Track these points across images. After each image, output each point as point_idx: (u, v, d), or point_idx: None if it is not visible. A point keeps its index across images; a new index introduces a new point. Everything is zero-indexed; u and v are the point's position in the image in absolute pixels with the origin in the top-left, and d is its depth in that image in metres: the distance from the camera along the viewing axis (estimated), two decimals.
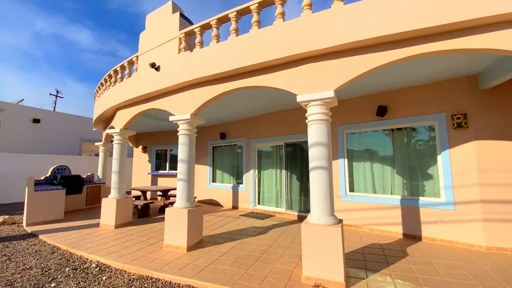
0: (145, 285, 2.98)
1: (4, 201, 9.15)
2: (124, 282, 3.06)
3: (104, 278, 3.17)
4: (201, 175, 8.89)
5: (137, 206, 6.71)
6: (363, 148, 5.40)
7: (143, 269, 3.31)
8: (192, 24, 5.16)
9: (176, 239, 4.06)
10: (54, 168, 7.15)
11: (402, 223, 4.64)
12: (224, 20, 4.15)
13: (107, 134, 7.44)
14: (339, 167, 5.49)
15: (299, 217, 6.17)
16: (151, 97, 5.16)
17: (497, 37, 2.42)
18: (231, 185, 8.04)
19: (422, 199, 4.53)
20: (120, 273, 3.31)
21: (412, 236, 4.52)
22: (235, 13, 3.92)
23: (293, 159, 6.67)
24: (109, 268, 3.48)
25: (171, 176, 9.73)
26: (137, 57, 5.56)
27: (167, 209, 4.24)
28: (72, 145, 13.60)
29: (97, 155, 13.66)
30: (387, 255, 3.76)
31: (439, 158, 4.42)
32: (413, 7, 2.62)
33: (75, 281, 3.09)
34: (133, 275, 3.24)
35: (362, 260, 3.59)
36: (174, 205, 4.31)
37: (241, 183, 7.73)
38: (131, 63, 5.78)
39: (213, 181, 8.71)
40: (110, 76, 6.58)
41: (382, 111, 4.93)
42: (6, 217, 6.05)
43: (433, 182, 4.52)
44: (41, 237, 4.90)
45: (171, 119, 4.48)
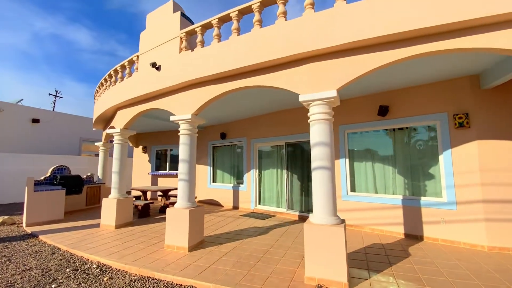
0: (147, 286, 2.96)
1: (3, 202, 9.11)
2: (125, 283, 3.04)
3: (105, 279, 3.14)
4: (202, 175, 8.87)
5: (137, 206, 6.69)
6: (364, 148, 5.39)
7: (144, 270, 3.29)
8: (193, 23, 5.14)
9: (177, 239, 4.05)
10: (54, 168, 7.12)
11: (403, 223, 4.63)
12: (225, 19, 4.14)
13: (107, 134, 7.41)
14: (340, 167, 5.48)
15: (300, 217, 6.16)
16: (151, 97, 5.14)
17: (498, 36, 2.42)
18: (232, 185, 8.02)
19: (423, 199, 4.53)
20: (121, 274, 3.29)
21: (413, 236, 4.51)
22: (236, 12, 3.91)
23: (294, 159, 6.66)
24: (110, 268, 3.46)
25: (171, 176, 9.71)
26: (138, 56, 5.54)
27: (168, 209, 4.22)
28: (71, 145, 13.56)
29: (96, 155, 13.63)
30: (389, 255, 3.75)
31: (441, 158, 4.42)
32: (415, 7, 2.62)
33: (76, 282, 3.07)
34: (134, 276, 3.23)
35: (364, 260, 3.58)
36: (175, 205, 4.28)
37: (242, 183, 7.71)
38: (132, 62, 5.76)
39: (214, 181, 8.69)
40: (110, 75, 6.56)
41: (383, 111, 4.91)
42: (5, 217, 6.01)
43: (434, 182, 4.52)
44: (41, 237, 4.87)
45: (172, 119, 4.46)
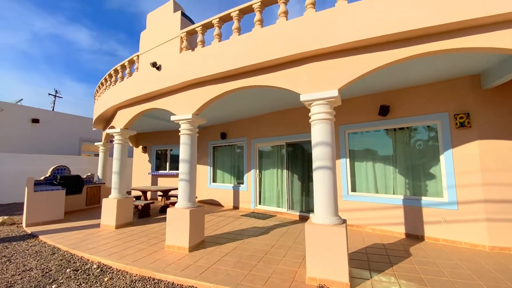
0: (148, 286, 2.95)
1: (3, 202, 9.09)
2: (126, 283, 3.03)
3: (106, 279, 3.13)
4: (202, 175, 8.86)
5: (137, 206, 6.68)
6: (365, 147, 5.38)
7: (145, 270, 3.28)
8: (193, 23, 5.13)
9: (178, 239, 4.03)
10: (53, 168, 7.10)
11: (404, 223, 4.62)
12: (226, 19, 4.13)
13: (107, 134, 7.39)
14: (341, 167, 5.47)
15: (301, 217, 6.15)
16: (152, 97, 5.13)
17: (498, 36, 2.42)
18: (232, 185, 8.01)
19: (424, 199, 4.52)
20: (122, 274, 3.28)
21: (414, 236, 4.50)
22: (237, 12, 3.90)
23: (294, 159, 6.65)
24: (111, 269, 3.45)
25: (171, 176, 9.69)
26: (138, 56, 5.52)
27: (168, 209, 4.21)
28: (71, 145, 13.53)
29: (96, 155, 13.61)
30: (390, 255, 3.75)
31: (442, 157, 4.41)
32: (416, 7, 2.61)
33: (77, 282, 3.06)
34: (135, 276, 3.21)
35: (365, 260, 3.57)
36: (176, 205, 4.27)
37: (242, 183, 7.70)
38: (132, 62, 5.75)
39: (214, 181, 8.68)
40: (110, 75, 6.54)
41: (384, 111, 4.91)
42: (5, 217, 6.00)
43: (435, 181, 4.51)
44: (41, 237, 4.86)
45: (173, 118, 4.45)
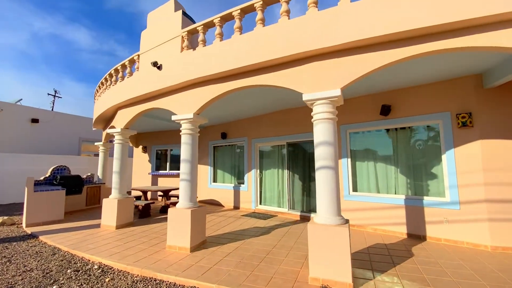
0: (149, 287, 2.93)
1: (2, 202, 9.05)
2: (127, 284, 3.01)
3: (107, 279, 3.11)
4: (202, 175, 8.83)
5: (138, 206, 6.65)
6: (366, 147, 5.37)
7: (146, 271, 3.25)
8: (194, 22, 5.11)
9: (179, 239, 4.01)
10: (53, 168, 7.07)
11: (406, 223, 4.61)
12: (227, 18, 4.11)
13: (107, 133, 7.37)
14: (342, 166, 5.46)
15: (302, 217, 6.13)
16: (153, 96, 5.10)
17: (499, 35, 2.41)
18: (233, 185, 7.99)
19: (426, 199, 4.51)
20: (123, 275, 3.25)
21: (416, 236, 4.49)
22: (239, 11, 3.88)
23: (295, 158, 6.64)
24: (112, 269, 3.43)
25: (172, 176, 9.67)
26: (139, 56, 5.50)
27: (169, 210, 4.19)
28: (71, 145, 13.49)
29: (96, 155, 13.57)
30: (392, 255, 3.73)
31: (444, 157, 4.40)
32: (419, 6, 2.59)
33: (78, 283, 3.04)
34: (136, 277, 3.19)
35: (367, 260, 3.56)
36: (177, 205, 4.25)
37: (243, 183, 7.68)
38: (132, 62, 5.72)
39: (214, 181, 8.66)
40: (110, 75, 6.52)
41: (386, 110, 4.90)
42: (5, 218, 5.97)
43: (437, 181, 4.50)
44: (41, 238, 4.83)
45: (174, 118, 4.43)
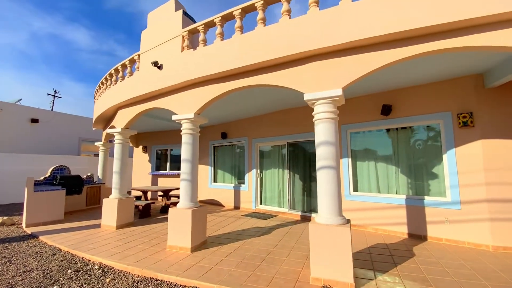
0: (150, 287, 2.92)
1: (2, 202, 9.03)
2: (128, 284, 3.00)
3: (107, 280, 3.10)
4: (202, 175, 8.82)
5: (138, 206, 6.64)
6: (367, 147, 5.36)
7: (147, 271, 3.24)
8: (195, 22, 5.10)
9: (180, 239, 4.00)
10: (53, 168, 7.06)
11: (407, 223, 4.61)
12: (228, 17, 4.10)
13: (107, 133, 7.35)
14: (343, 166, 5.45)
15: (302, 217, 6.13)
16: (153, 96, 5.09)
17: (499, 35, 2.40)
18: (233, 185, 7.98)
19: (427, 199, 4.50)
20: (124, 275, 3.24)
21: (417, 236, 4.49)
22: (240, 11, 3.87)
23: (295, 158, 6.63)
24: (112, 269, 3.42)
25: (172, 176, 9.65)
26: (139, 55, 5.49)
27: (170, 210, 4.18)
28: (71, 145, 13.47)
29: (96, 155, 13.55)
30: (393, 255, 3.73)
31: (445, 157, 4.40)
32: (421, 6, 2.59)
33: (78, 283, 3.03)
34: (137, 277, 3.18)
35: (369, 260, 3.55)
36: (177, 205, 4.24)
37: (243, 183, 7.67)
38: (133, 61, 5.71)
39: (214, 181, 8.65)
40: (111, 75, 6.50)
41: (386, 110, 4.89)
42: (4, 218, 5.95)
43: (438, 181, 4.49)
44: (42, 238, 4.81)
45: (174, 118, 4.42)
